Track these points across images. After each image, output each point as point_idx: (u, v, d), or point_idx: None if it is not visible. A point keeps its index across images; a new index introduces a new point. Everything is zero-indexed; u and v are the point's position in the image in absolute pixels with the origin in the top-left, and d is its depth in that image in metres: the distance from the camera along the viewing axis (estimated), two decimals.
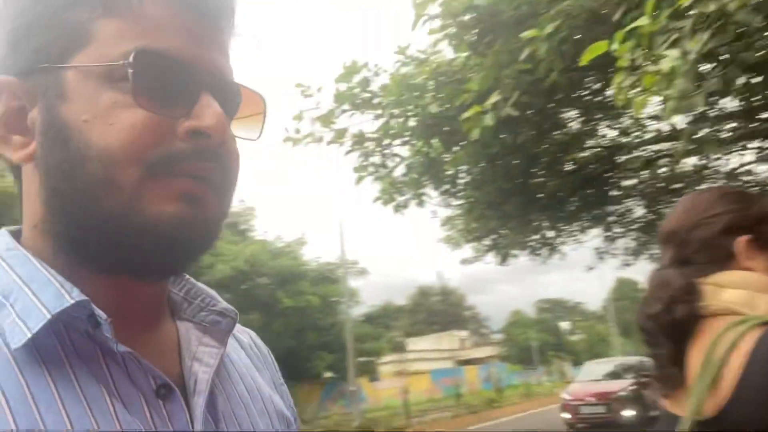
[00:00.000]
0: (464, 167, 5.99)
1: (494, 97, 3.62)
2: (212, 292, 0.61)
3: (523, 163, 6.29)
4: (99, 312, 0.46)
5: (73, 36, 0.48)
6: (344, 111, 5.69)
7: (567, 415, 12.23)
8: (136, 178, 0.47)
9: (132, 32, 0.48)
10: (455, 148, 5.39)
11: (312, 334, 20.22)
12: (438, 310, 53.47)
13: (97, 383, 0.46)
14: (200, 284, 0.61)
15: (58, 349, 0.46)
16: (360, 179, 6.12)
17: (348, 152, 5.77)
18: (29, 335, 0.45)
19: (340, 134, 5.71)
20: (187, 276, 0.61)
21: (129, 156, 0.46)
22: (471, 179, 6.31)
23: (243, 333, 0.69)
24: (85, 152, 0.47)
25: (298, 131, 5.89)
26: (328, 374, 22.64)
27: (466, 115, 3.68)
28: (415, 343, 41.93)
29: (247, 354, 0.66)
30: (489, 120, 3.56)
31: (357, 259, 31.91)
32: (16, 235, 0.53)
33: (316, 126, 5.89)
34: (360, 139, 5.69)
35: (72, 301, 0.46)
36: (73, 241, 0.49)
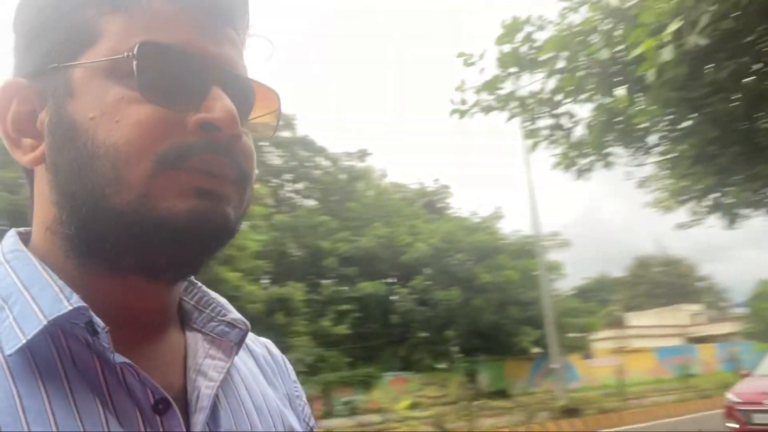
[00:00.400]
0: (657, 118, 5.12)
1: (674, 25, 2.95)
2: (224, 301, 0.59)
3: (742, 104, 5.15)
4: (97, 320, 0.45)
5: (81, 34, 0.48)
6: (510, 74, 5.30)
7: (733, 424, 8.69)
8: (146, 174, 0.46)
9: (139, 27, 0.48)
10: (640, 97, 4.61)
11: (514, 308, 19.84)
12: (662, 282, 48.42)
13: (91, 394, 0.45)
14: (213, 293, 0.60)
15: (55, 356, 0.45)
16: (534, 145, 5.67)
17: (510, 117, 5.37)
18: (24, 341, 0.44)
19: (506, 99, 5.33)
20: (200, 284, 0.60)
21: (137, 152, 0.46)
22: (669, 130, 5.37)
23: (258, 344, 0.68)
24: (92, 150, 0.46)
25: (464, 102, 5.68)
26: (535, 350, 22.03)
27: (637, 51, 3.07)
28: (636, 319, 38.56)
29: (259, 366, 0.64)
30: (667, 54, 2.91)
31: (559, 231, 30.20)
32: (26, 237, 0.53)
33: (482, 94, 5.61)
34: (523, 101, 5.23)
35: (69, 307, 0.45)
36: (87, 241, 0.48)
